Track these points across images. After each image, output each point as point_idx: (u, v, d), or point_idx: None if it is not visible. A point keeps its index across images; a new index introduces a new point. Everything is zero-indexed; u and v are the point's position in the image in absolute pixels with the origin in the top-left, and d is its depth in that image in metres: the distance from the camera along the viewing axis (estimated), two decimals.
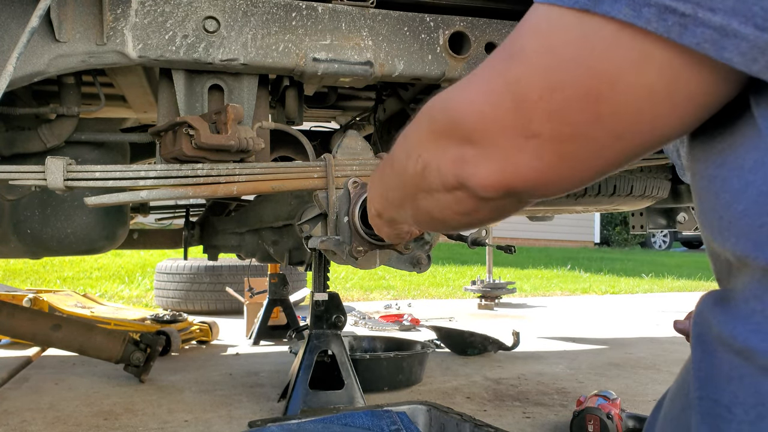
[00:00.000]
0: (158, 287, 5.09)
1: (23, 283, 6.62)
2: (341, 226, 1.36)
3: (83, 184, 1.45)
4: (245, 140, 1.49)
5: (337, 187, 1.52)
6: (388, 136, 2.42)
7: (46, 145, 1.87)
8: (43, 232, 2.13)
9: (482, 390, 2.76)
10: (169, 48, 1.48)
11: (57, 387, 2.70)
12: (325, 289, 2.46)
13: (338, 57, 1.57)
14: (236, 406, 2.44)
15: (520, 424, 2.28)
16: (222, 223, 2.90)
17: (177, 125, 1.49)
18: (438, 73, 1.63)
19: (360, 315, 4.86)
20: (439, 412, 1.78)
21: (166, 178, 1.47)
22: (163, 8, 1.47)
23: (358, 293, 6.71)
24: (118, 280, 7.04)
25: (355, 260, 1.35)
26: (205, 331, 3.78)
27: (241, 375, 2.97)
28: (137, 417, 2.30)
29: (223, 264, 4.88)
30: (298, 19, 1.55)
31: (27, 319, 2.63)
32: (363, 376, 2.43)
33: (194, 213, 3.21)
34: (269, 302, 3.80)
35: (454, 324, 4.52)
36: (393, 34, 1.60)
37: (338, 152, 1.59)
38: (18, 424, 2.21)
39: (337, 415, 1.07)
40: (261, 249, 2.77)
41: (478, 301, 5.98)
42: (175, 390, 2.68)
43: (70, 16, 1.45)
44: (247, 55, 1.52)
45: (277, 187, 1.56)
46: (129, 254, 8.38)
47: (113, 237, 2.30)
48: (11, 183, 1.45)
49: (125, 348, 2.68)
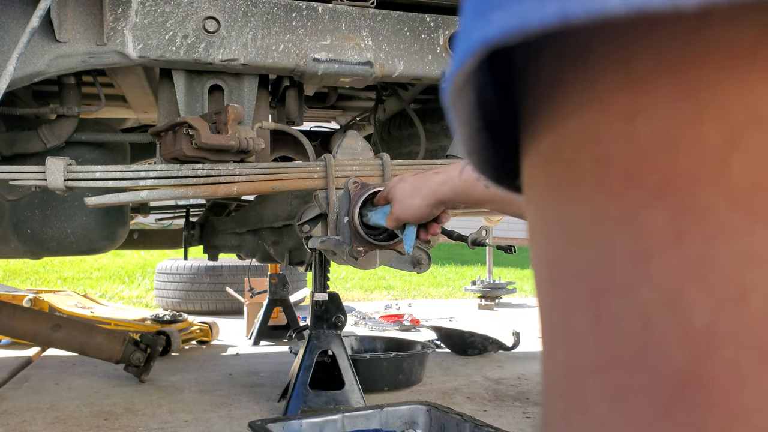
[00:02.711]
0: (158, 287, 5.09)
1: (23, 283, 6.62)
2: (341, 226, 1.36)
3: (83, 184, 1.45)
4: (245, 140, 1.49)
5: (337, 187, 1.52)
6: (388, 136, 2.42)
7: (46, 146, 1.87)
8: (44, 232, 2.14)
9: (482, 390, 2.76)
10: (169, 48, 1.48)
11: (57, 387, 2.70)
12: (325, 289, 2.46)
13: (338, 57, 1.57)
14: (236, 406, 2.44)
15: (520, 424, 2.28)
16: (222, 223, 2.90)
17: (177, 125, 1.50)
18: (438, 73, 1.63)
19: (360, 315, 4.86)
20: (439, 412, 1.78)
21: (167, 179, 1.47)
22: (164, 8, 1.47)
23: (359, 293, 6.72)
24: (118, 281, 7.04)
25: (355, 260, 1.35)
26: (205, 331, 3.78)
27: (241, 375, 2.97)
28: (137, 417, 2.30)
29: (223, 264, 4.88)
30: (298, 19, 1.55)
31: (27, 320, 2.63)
32: (363, 376, 2.43)
33: (194, 213, 3.21)
34: (269, 302, 3.80)
35: (454, 324, 4.52)
36: (393, 34, 1.60)
37: (338, 152, 1.59)
38: (18, 424, 2.21)
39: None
40: (261, 249, 2.77)
41: (479, 302, 5.98)
42: (175, 390, 2.68)
43: (70, 16, 1.45)
44: (247, 56, 1.52)
45: (277, 187, 1.56)
46: (129, 254, 8.38)
47: (113, 237, 2.30)
48: (11, 183, 1.45)
49: (125, 348, 2.69)
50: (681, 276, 0.14)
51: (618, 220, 0.15)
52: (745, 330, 0.13)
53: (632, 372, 0.15)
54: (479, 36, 0.14)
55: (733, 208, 0.13)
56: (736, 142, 0.13)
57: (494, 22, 0.14)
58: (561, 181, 0.16)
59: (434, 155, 2.14)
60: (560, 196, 0.17)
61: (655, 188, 0.14)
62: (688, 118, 0.14)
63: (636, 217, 0.15)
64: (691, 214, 0.14)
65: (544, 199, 0.17)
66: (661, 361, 0.14)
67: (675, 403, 0.14)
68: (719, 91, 0.13)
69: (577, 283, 0.16)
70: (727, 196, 0.13)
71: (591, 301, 0.16)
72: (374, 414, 1.83)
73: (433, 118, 2.21)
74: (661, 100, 0.14)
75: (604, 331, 0.16)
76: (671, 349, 0.14)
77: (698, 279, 0.14)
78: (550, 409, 0.18)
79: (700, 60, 0.13)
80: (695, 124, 0.14)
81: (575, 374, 0.17)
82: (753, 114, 0.13)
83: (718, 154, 0.13)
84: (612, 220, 0.15)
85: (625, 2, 0.12)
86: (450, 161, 1.67)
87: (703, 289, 0.14)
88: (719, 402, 0.14)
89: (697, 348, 0.14)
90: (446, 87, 0.17)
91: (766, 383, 0.13)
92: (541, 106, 0.17)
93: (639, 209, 0.15)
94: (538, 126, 0.17)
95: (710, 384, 0.14)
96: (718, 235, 0.13)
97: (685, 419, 0.14)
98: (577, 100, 0.16)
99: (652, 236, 0.14)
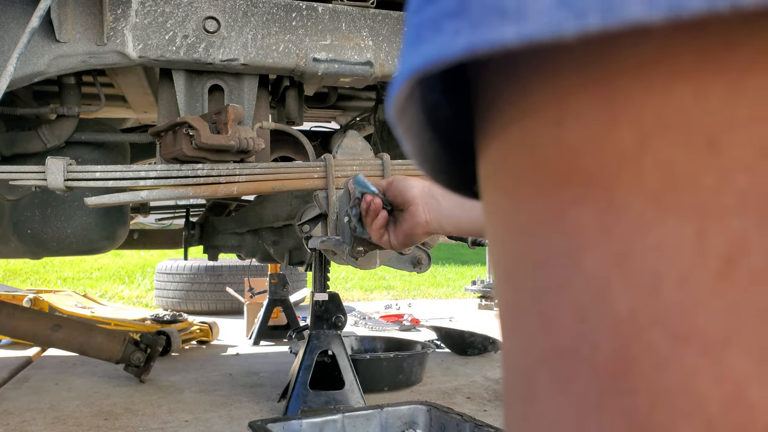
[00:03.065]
0: (158, 287, 5.09)
1: (23, 283, 6.63)
2: (341, 226, 1.36)
3: (83, 184, 1.45)
4: (245, 140, 1.49)
5: (337, 187, 1.52)
6: (388, 136, 2.42)
7: (46, 146, 1.87)
8: (44, 232, 2.14)
9: (482, 390, 2.76)
10: (169, 48, 1.48)
11: (57, 387, 2.70)
12: (325, 289, 2.46)
13: (338, 57, 1.57)
14: (236, 406, 2.44)
15: None
16: (222, 223, 2.90)
17: (177, 125, 1.50)
18: None
19: (360, 315, 4.86)
20: (440, 412, 1.78)
21: (167, 179, 1.47)
22: (164, 8, 1.47)
23: (359, 293, 6.72)
24: (118, 281, 7.04)
25: (355, 260, 1.35)
26: (205, 331, 3.78)
27: (241, 375, 2.97)
28: (137, 417, 2.30)
29: (223, 264, 4.88)
30: (298, 19, 1.55)
31: (27, 320, 2.63)
32: (363, 376, 2.43)
33: (194, 213, 3.21)
34: (269, 302, 3.80)
35: (454, 324, 4.52)
36: (393, 34, 1.60)
37: (338, 152, 1.59)
38: (18, 424, 2.21)
39: None
40: (261, 249, 2.77)
41: (479, 302, 5.98)
42: (175, 390, 2.68)
43: (70, 16, 1.45)
44: (247, 56, 1.52)
45: (277, 187, 1.56)
46: (129, 254, 8.38)
47: (113, 237, 2.30)
48: (11, 183, 1.45)
49: (125, 348, 2.69)
50: (608, 268, 0.15)
51: (552, 219, 0.16)
52: (660, 315, 0.14)
53: (571, 362, 0.16)
54: (409, 65, 0.16)
55: (647, 204, 0.15)
56: (646, 144, 0.15)
57: (420, 53, 0.16)
58: (506, 186, 0.18)
59: None
60: (506, 200, 0.18)
61: (583, 187, 0.15)
62: (607, 123, 0.15)
63: (567, 215, 0.16)
64: (613, 210, 0.15)
65: (494, 204, 0.19)
66: (594, 350, 0.15)
67: (608, 391, 0.15)
68: (632, 99, 0.15)
69: (524, 282, 0.17)
70: (642, 192, 0.15)
71: (534, 298, 0.17)
72: (374, 414, 1.83)
73: None
74: (585, 107, 0.15)
75: (547, 325, 0.17)
76: (602, 338, 0.15)
77: (621, 270, 0.15)
78: (510, 404, 0.19)
79: (616, 71, 0.15)
80: (613, 129, 0.15)
81: (527, 367, 0.18)
82: (659, 119, 0.14)
83: (633, 155, 0.15)
84: (547, 219, 0.16)
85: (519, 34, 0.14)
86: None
87: (625, 279, 0.15)
88: (644, 386, 0.15)
89: (623, 335, 0.15)
90: (388, 107, 0.18)
91: (683, 365, 0.14)
92: (487, 117, 0.19)
93: (569, 207, 0.16)
94: (487, 135, 0.19)
95: (635, 369, 0.15)
96: (636, 229, 0.15)
97: (616, 405, 0.15)
98: (516, 110, 0.17)
99: (582, 232, 0.16)
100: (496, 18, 0.14)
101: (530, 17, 0.14)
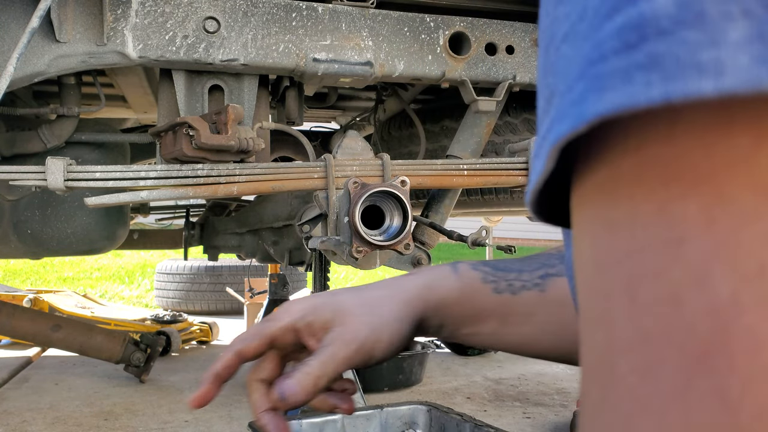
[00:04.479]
0: (158, 287, 5.09)
1: (23, 283, 6.63)
2: (341, 226, 1.36)
3: (83, 184, 1.45)
4: (245, 140, 1.49)
5: (338, 187, 1.52)
6: (388, 136, 2.42)
7: (46, 146, 1.87)
8: (44, 232, 2.14)
9: (482, 390, 2.76)
10: (169, 48, 1.48)
11: (57, 387, 2.70)
12: (325, 289, 2.46)
13: (338, 57, 1.57)
14: (236, 406, 2.44)
15: (520, 425, 2.28)
16: (222, 223, 2.90)
17: (177, 126, 1.49)
18: (438, 73, 1.63)
19: None
20: (440, 412, 1.78)
21: (167, 179, 1.47)
22: (164, 8, 1.47)
23: None
24: (118, 281, 7.05)
25: (356, 261, 1.35)
26: (206, 331, 3.78)
27: (241, 375, 2.97)
28: (137, 417, 2.30)
29: (223, 264, 4.88)
30: (298, 19, 1.55)
31: (27, 320, 2.63)
32: (363, 376, 2.43)
33: (194, 213, 3.21)
34: (269, 302, 3.80)
35: None
36: (393, 35, 1.60)
37: (338, 152, 1.59)
38: (18, 424, 2.21)
39: None
40: (261, 249, 2.77)
41: None
42: (176, 390, 2.68)
43: (70, 16, 1.45)
44: (247, 56, 1.52)
45: (278, 187, 1.56)
46: (129, 254, 8.38)
47: (113, 237, 2.30)
48: (11, 183, 1.45)
49: (125, 348, 2.68)
50: (711, 256, 0.16)
51: (654, 212, 0.18)
52: (763, 299, 0.15)
53: (660, 346, 0.17)
54: (594, 109, 0.17)
55: (757, 198, 0.16)
56: (761, 144, 0.16)
57: (607, 99, 0.17)
58: (606, 187, 0.19)
59: (434, 155, 2.14)
60: (603, 196, 0.19)
61: (691, 183, 0.17)
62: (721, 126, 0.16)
63: (671, 208, 0.17)
64: (720, 203, 0.16)
65: (591, 205, 0.20)
66: (687, 334, 0.16)
67: (698, 373, 0.16)
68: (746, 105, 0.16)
69: (617, 271, 0.19)
70: (752, 188, 0.16)
71: (628, 286, 0.18)
72: (374, 414, 1.82)
73: (433, 118, 2.21)
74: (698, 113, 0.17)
75: (638, 312, 0.18)
76: (697, 322, 0.16)
77: (726, 258, 0.16)
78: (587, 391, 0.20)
79: None
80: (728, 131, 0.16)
81: (608, 353, 0.19)
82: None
83: (747, 153, 0.16)
84: (648, 212, 0.18)
85: (718, 88, 0.15)
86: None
87: (729, 266, 0.16)
88: (739, 365, 0.16)
89: (721, 318, 0.16)
90: (551, 144, 0.19)
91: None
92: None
93: (674, 201, 0.17)
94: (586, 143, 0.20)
95: (730, 350, 0.16)
96: (744, 220, 0.16)
97: (706, 386, 0.16)
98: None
99: (686, 223, 0.17)
100: (693, 72, 0.15)
101: (728, 72, 0.15)
